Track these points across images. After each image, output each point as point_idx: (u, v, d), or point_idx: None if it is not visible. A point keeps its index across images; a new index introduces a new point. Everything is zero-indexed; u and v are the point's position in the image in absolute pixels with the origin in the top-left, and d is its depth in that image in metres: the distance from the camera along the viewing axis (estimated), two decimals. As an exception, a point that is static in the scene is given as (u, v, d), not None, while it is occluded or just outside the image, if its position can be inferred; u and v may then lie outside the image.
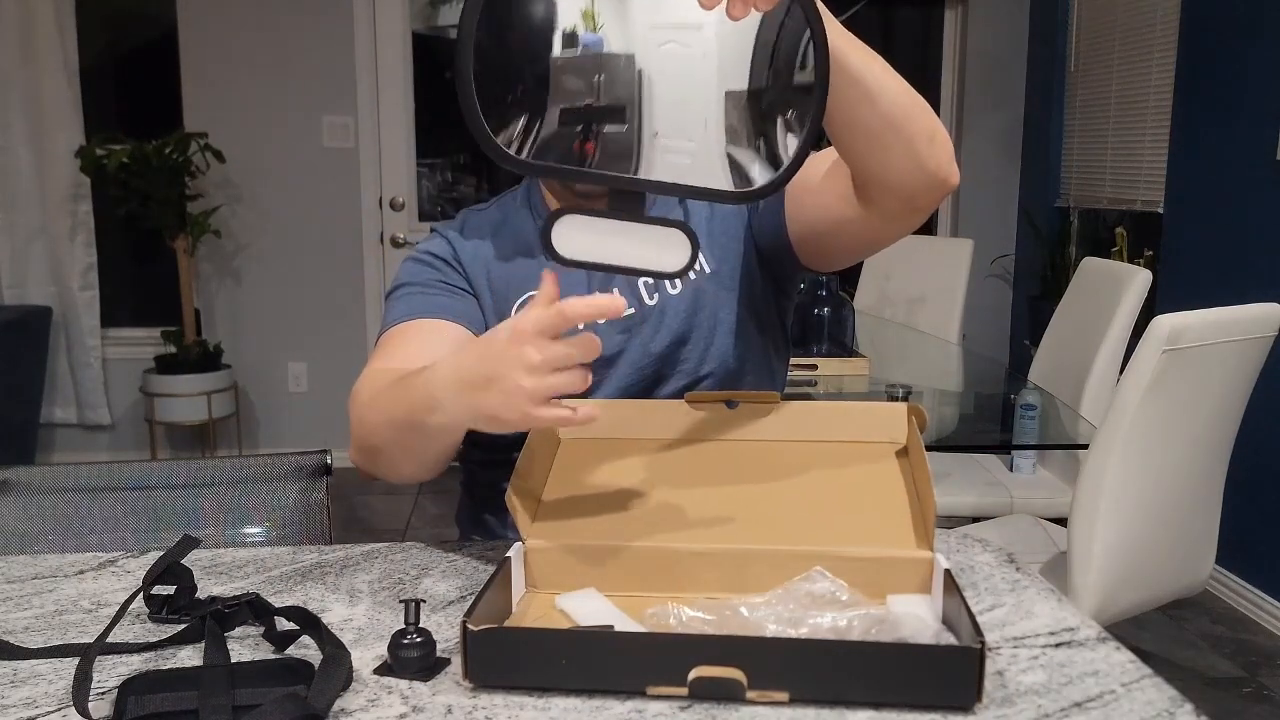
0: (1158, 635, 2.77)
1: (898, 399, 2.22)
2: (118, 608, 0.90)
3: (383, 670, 0.78)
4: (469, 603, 0.82)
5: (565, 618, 0.86)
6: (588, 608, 0.86)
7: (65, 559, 1.05)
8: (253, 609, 0.84)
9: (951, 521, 2.64)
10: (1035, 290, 4.16)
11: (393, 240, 4.27)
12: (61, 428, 4.22)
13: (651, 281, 1.18)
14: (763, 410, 1.03)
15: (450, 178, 4.45)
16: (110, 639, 0.82)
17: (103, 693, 0.76)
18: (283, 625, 0.83)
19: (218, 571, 1.01)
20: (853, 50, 0.90)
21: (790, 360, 1.33)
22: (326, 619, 0.87)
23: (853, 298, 3.52)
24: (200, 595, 0.90)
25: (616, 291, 1.17)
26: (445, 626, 0.86)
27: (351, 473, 1.07)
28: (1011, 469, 2.64)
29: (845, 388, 2.32)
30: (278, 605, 0.83)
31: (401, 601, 0.87)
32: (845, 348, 2.48)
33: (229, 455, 1.96)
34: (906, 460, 0.99)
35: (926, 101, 0.96)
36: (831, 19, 0.85)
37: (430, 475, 1.04)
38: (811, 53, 0.81)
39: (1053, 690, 0.74)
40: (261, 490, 1.32)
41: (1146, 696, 0.73)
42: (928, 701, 0.71)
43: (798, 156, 0.82)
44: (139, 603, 0.88)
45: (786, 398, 1.05)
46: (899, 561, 0.87)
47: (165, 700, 0.70)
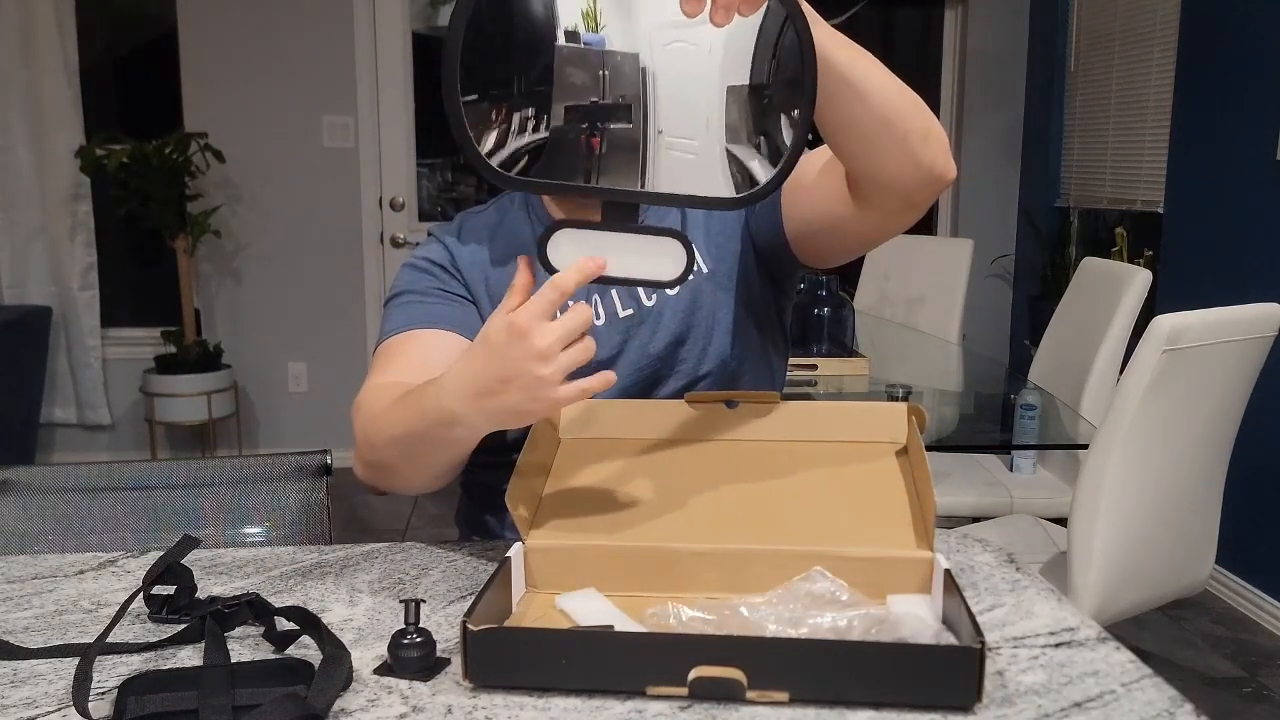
0: (1158, 635, 2.77)
1: (898, 399, 2.22)
2: (118, 608, 0.90)
3: (383, 670, 0.78)
4: (469, 603, 0.82)
5: (565, 618, 0.86)
6: (588, 608, 0.86)
7: (65, 559, 1.05)
8: (253, 609, 0.84)
9: (951, 521, 2.64)
10: (1035, 290, 4.16)
11: (393, 240, 4.27)
12: (61, 428, 4.23)
13: None
14: (762, 410, 1.03)
15: (450, 178, 4.45)
16: (110, 639, 0.82)
17: (103, 693, 0.76)
18: (283, 625, 0.83)
19: (218, 571, 1.01)
20: (840, 49, 0.89)
21: (790, 360, 1.33)
22: (326, 619, 0.87)
23: (852, 298, 3.52)
24: (200, 595, 0.90)
25: (615, 295, 1.17)
26: (445, 626, 0.86)
27: (352, 473, 1.07)
28: (1011, 469, 2.64)
29: (845, 388, 2.32)
30: (278, 605, 0.83)
31: (401, 601, 0.87)
32: (845, 348, 2.48)
33: (229, 455, 1.96)
34: (906, 460, 0.99)
35: (924, 101, 0.96)
36: (818, 19, 0.85)
37: (443, 484, 1.04)
38: (798, 53, 0.81)
39: (1053, 690, 0.74)
40: (261, 490, 1.32)
41: (1146, 696, 0.73)
42: (928, 701, 0.71)
43: (789, 159, 0.82)
44: (139, 603, 0.88)
45: (786, 398, 1.05)
46: (899, 561, 0.87)
47: (165, 700, 0.70)
